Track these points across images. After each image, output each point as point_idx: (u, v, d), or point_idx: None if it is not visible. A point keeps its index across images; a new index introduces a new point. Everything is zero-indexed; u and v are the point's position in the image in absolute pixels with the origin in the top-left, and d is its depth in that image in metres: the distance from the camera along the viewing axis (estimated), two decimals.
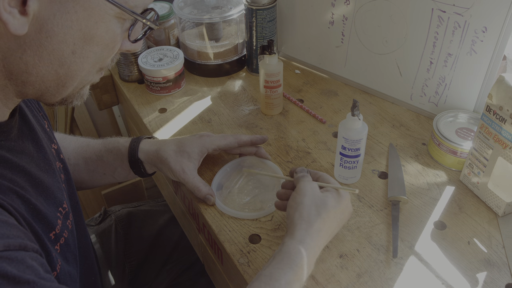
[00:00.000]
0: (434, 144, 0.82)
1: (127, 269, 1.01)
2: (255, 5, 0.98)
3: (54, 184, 0.58)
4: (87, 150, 0.82)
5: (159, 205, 1.14)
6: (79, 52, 0.49)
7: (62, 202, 0.59)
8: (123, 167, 0.80)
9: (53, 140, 0.67)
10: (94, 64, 0.52)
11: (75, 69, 0.50)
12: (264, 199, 0.76)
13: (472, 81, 0.84)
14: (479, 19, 0.78)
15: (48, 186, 0.57)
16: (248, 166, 0.81)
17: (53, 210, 0.56)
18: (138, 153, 0.78)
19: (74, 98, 0.56)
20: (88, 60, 0.51)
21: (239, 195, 0.77)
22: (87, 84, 0.55)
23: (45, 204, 0.54)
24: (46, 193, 0.56)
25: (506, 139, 0.68)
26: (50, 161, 0.60)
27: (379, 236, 0.71)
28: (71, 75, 0.51)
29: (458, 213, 0.74)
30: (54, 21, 0.46)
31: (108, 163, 0.81)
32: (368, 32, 0.95)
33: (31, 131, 0.59)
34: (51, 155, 0.62)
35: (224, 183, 0.80)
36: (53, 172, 0.59)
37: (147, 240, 1.04)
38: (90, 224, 1.05)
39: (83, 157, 0.82)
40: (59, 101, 0.54)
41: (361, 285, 0.64)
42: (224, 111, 0.97)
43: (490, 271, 0.65)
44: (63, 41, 0.47)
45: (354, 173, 0.78)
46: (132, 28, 0.52)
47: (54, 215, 0.56)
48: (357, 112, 0.71)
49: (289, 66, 1.11)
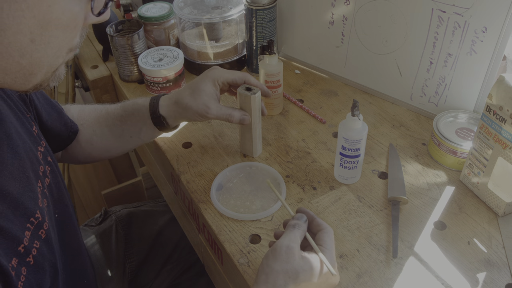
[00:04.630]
0: (434, 144, 0.82)
1: (127, 269, 1.01)
2: (255, 5, 0.98)
3: (25, 193, 0.56)
4: (108, 117, 0.83)
5: (159, 205, 1.14)
6: (39, 39, 0.47)
7: (34, 212, 0.56)
8: (148, 126, 0.80)
9: (40, 143, 0.65)
10: (60, 48, 0.50)
11: (38, 56, 0.48)
12: (262, 203, 0.76)
13: (472, 81, 0.84)
14: (479, 19, 0.78)
15: (17, 196, 0.54)
16: (255, 174, 0.82)
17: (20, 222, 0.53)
18: (159, 109, 0.79)
19: (50, 81, 0.53)
20: (50, 45, 0.48)
21: (238, 197, 0.77)
22: (60, 65, 0.53)
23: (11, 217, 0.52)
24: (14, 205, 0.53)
25: (506, 139, 0.68)
26: (25, 169, 0.57)
27: (379, 236, 0.71)
28: (36, 63, 0.49)
29: (458, 213, 0.74)
30: (3, 13, 0.43)
31: (133, 125, 0.81)
32: (368, 32, 0.95)
33: (7, 137, 0.57)
34: (34, 159, 0.60)
35: (225, 184, 0.80)
36: (26, 180, 0.56)
37: (148, 240, 1.04)
38: (91, 224, 1.05)
39: (106, 125, 0.83)
40: (32, 88, 0.52)
41: (361, 285, 0.64)
42: None
43: (490, 271, 0.65)
44: (18, 31, 0.45)
45: (354, 173, 0.78)
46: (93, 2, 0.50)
47: (22, 227, 0.53)
48: (357, 112, 0.71)
49: (289, 66, 1.11)
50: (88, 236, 1.01)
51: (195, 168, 0.84)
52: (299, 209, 0.63)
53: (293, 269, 0.55)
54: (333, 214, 0.74)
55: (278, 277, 0.54)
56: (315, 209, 0.75)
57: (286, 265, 0.55)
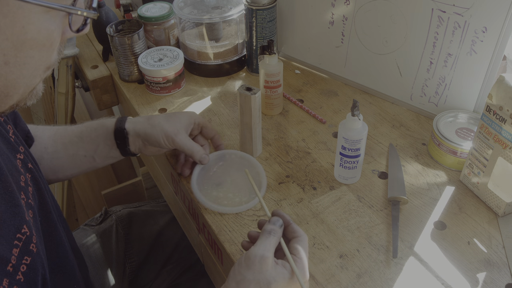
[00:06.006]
0: (434, 144, 0.82)
1: (127, 269, 1.01)
2: (255, 5, 0.98)
3: (8, 209, 0.53)
4: (65, 134, 0.80)
5: (159, 205, 1.14)
6: (13, 61, 0.44)
7: (21, 227, 0.53)
8: (106, 142, 0.78)
9: (18, 150, 0.62)
10: (36, 67, 0.47)
11: (13, 78, 0.45)
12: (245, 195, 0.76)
13: (472, 81, 0.84)
14: (479, 19, 0.78)
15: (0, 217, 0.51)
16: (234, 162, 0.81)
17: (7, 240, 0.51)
18: (126, 123, 0.77)
19: (27, 100, 0.51)
20: (26, 66, 0.45)
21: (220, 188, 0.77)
22: (37, 84, 0.51)
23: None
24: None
25: (506, 139, 0.68)
26: (6, 182, 0.54)
27: (379, 236, 0.71)
28: (11, 84, 0.46)
29: (458, 213, 0.74)
30: None
31: (90, 141, 0.79)
32: (368, 32, 0.95)
33: None
34: (14, 170, 0.58)
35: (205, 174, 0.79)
36: (9, 195, 0.54)
37: (148, 241, 1.04)
38: (91, 224, 1.05)
39: (61, 143, 0.79)
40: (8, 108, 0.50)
41: (361, 285, 0.64)
42: (224, 111, 0.97)
43: (490, 271, 0.65)
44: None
45: (354, 173, 0.78)
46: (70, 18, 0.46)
47: (9, 246, 0.51)
48: (357, 112, 0.71)
49: (289, 66, 1.11)
50: (88, 235, 1.01)
51: None
52: (275, 211, 0.61)
53: (265, 279, 0.54)
54: (333, 214, 0.74)
55: (250, 285, 0.54)
56: (315, 209, 0.75)
57: (258, 275, 0.54)
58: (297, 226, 0.60)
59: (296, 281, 0.56)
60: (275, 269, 0.55)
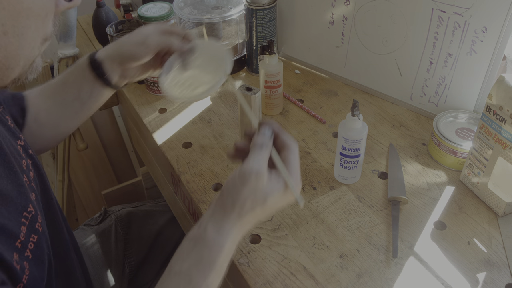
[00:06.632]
0: (434, 144, 0.82)
1: (127, 269, 1.01)
2: (255, 5, 0.98)
3: (15, 188, 0.54)
4: (49, 88, 0.79)
5: (159, 205, 1.14)
6: (11, 31, 0.46)
7: (27, 206, 0.55)
8: (86, 78, 0.76)
9: (19, 136, 0.64)
10: (34, 38, 0.49)
11: (13, 49, 0.48)
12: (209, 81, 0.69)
13: (472, 81, 0.84)
14: (479, 19, 0.78)
15: (7, 193, 0.53)
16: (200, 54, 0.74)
17: (14, 218, 0.52)
18: (97, 53, 0.76)
19: (28, 73, 0.53)
20: (24, 36, 0.48)
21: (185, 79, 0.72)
22: (36, 57, 0.53)
23: (5, 214, 0.51)
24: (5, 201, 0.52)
25: (506, 139, 0.68)
26: (11, 164, 0.56)
27: (379, 236, 0.71)
28: (12, 56, 0.48)
29: (458, 213, 0.74)
30: None
31: (73, 83, 0.77)
32: (368, 32, 0.95)
33: None
34: (16, 154, 0.59)
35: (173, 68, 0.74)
36: (14, 175, 0.55)
37: (147, 240, 1.04)
38: (90, 224, 1.05)
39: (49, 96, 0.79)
40: (10, 82, 0.52)
41: (361, 285, 0.64)
42: (224, 111, 0.97)
43: (490, 271, 0.65)
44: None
45: (354, 173, 0.78)
46: None
47: (17, 222, 0.52)
48: (357, 112, 0.71)
49: (289, 66, 1.11)
50: (87, 235, 1.01)
51: (195, 168, 0.84)
52: (262, 122, 0.60)
53: (261, 194, 0.54)
54: (333, 214, 0.74)
55: (246, 202, 0.54)
56: (315, 209, 0.75)
57: (254, 191, 0.54)
58: (286, 134, 0.59)
59: (290, 192, 0.56)
60: (270, 183, 0.55)
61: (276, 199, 0.55)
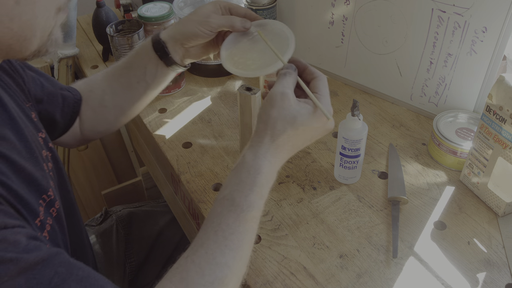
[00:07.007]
0: (434, 144, 0.82)
1: (127, 269, 1.01)
2: (255, 5, 0.98)
3: (37, 171, 0.56)
4: (115, 71, 0.81)
5: (160, 205, 1.14)
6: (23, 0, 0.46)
7: (47, 189, 0.57)
8: (151, 59, 0.76)
9: (41, 130, 0.66)
10: (47, 7, 0.50)
11: (28, 18, 0.48)
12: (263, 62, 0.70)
13: (472, 81, 0.84)
14: (479, 19, 0.78)
15: (31, 173, 0.55)
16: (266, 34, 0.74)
17: (35, 197, 0.54)
18: (161, 34, 0.76)
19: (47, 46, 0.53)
20: (37, 5, 0.48)
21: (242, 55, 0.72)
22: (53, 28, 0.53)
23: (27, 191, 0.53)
24: (28, 180, 0.54)
25: (506, 139, 0.68)
26: (33, 150, 0.58)
27: (379, 236, 0.71)
28: (27, 26, 0.48)
29: (458, 213, 0.74)
30: None
31: (138, 66, 0.78)
32: (368, 32, 0.95)
33: (11, 120, 0.58)
34: (37, 144, 0.61)
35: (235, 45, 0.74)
36: (35, 160, 0.58)
37: (148, 241, 1.04)
38: (91, 224, 1.05)
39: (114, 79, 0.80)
40: (31, 54, 0.52)
41: (361, 285, 0.64)
42: (224, 111, 0.97)
43: (490, 271, 0.65)
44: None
45: (354, 173, 0.78)
46: None
47: (36, 202, 0.54)
48: (357, 112, 0.71)
49: None
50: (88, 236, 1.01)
51: (195, 168, 0.84)
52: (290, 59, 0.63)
53: (290, 114, 0.56)
54: (333, 214, 0.74)
55: (277, 122, 0.56)
56: (315, 209, 0.75)
57: (282, 111, 0.56)
58: (314, 68, 0.62)
59: (320, 116, 0.58)
60: (298, 104, 0.58)
61: (307, 120, 0.57)
